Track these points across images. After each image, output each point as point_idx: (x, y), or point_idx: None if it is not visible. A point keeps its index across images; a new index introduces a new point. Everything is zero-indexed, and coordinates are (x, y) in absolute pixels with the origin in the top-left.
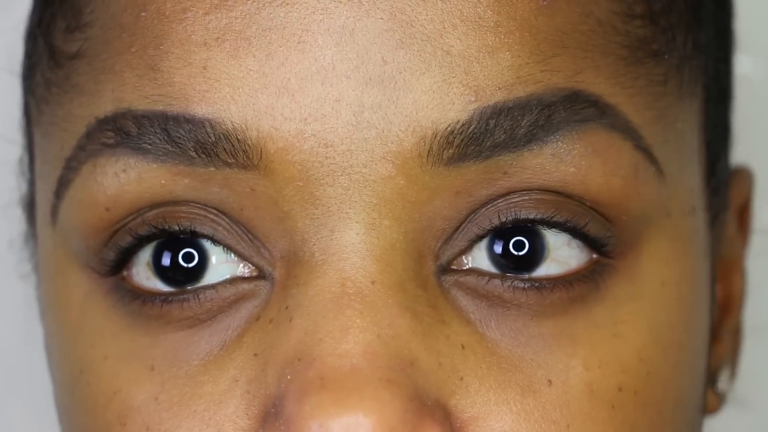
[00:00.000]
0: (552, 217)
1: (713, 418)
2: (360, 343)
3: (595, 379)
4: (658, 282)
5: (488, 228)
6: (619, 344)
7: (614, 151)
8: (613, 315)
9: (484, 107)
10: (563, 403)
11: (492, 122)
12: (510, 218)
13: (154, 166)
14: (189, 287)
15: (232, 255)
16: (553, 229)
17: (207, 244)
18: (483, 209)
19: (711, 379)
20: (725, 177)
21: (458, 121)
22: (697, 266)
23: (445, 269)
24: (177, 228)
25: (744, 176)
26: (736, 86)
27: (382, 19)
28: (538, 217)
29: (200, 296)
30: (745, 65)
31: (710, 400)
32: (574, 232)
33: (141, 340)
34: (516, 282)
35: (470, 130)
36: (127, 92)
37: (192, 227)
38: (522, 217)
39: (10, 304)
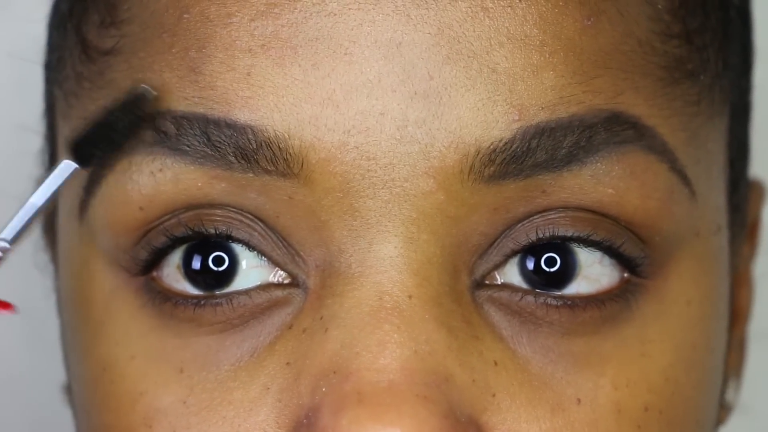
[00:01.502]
0: (589, 236)
1: None
2: (397, 358)
3: (622, 398)
4: (684, 301)
5: (524, 243)
6: (647, 364)
7: (651, 173)
8: (642, 334)
9: (527, 126)
10: (591, 422)
11: (534, 142)
12: (547, 235)
13: (192, 168)
14: (218, 291)
15: (264, 260)
16: (589, 248)
17: (238, 248)
18: (520, 225)
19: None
20: (745, 193)
21: (501, 140)
22: (720, 284)
23: (479, 284)
24: (213, 231)
25: (757, 190)
26: None
27: (429, 34)
28: (575, 235)
29: (233, 301)
30: None
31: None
32: (610, 251)
33: (170, 341)
34: (549, 299)
35: (512, 148)
36: (166, 92)
37: (228, 231)
38: (559, 234)
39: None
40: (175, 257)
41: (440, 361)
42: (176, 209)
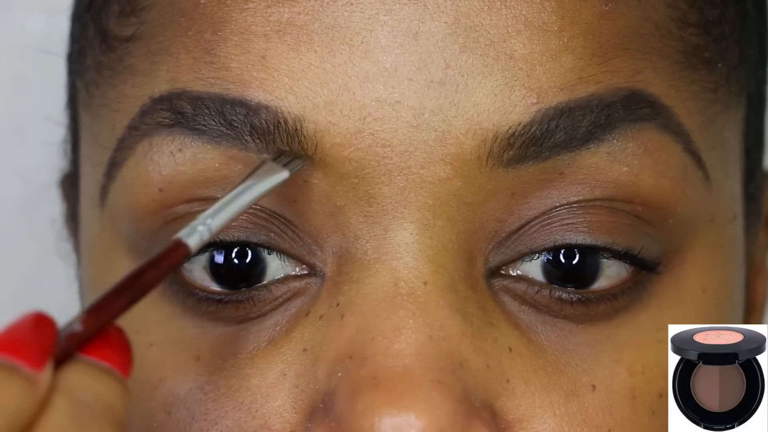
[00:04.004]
0: (608, 245)
1: None
2: (412, 343)
3: (638, 384)
4: (700, 288)
5: (541, 250)
6: (663, 350)
7: (665, 152)
8: (657, 321)
9: (546, 108)
10: (605, 408)
11: (553, 123)
12: (563, 243)
13: (209, 147)
14: (243, 287)
15: (285, 259)
16: (609, 259)
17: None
18: (537, 225)
19: None
20: (760, 183)
21: (520, 123)
22: (735, 273)
23: (494, 272)
24: (229, 239)
25: None
26: None
27: (446, 23)
28: (592, 243)
29: (255, 298)
30: None
31: None
32: (627, 257)
33: (188, 330)
34: (564, 294)
35: (531, 131)
36: (182, 73)
37: (246, 237)
38: (578, 243)
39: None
40: (201, 259)
41: (455, 347)
42: (193, 197)
